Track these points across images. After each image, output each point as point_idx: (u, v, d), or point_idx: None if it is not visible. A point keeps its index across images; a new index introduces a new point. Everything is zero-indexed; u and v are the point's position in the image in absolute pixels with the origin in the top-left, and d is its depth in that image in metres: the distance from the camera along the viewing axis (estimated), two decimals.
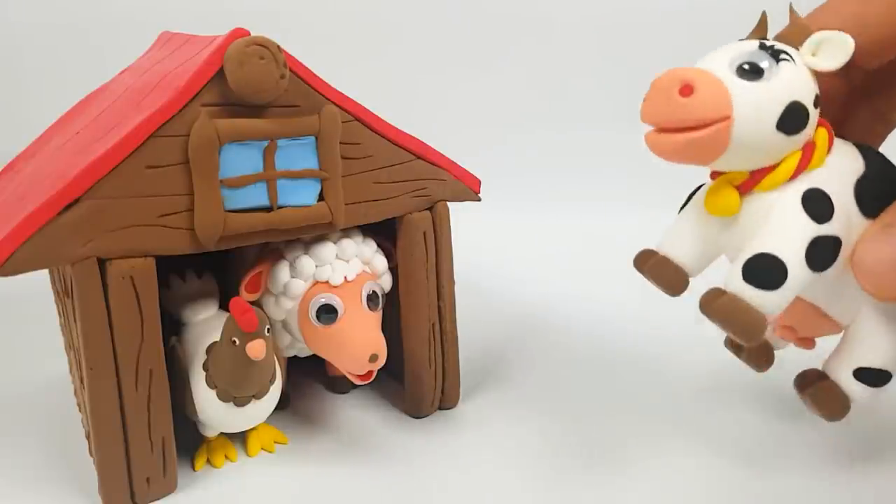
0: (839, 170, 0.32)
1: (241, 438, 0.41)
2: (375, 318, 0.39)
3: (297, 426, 0.43)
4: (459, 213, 0.45)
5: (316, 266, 0.39)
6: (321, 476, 0.39)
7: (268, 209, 0.36)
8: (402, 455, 0.40)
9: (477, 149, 0.60)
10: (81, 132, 0.39)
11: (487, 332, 0.56)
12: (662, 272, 0.34)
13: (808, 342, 0.38)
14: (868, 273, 0.30)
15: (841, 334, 0.35)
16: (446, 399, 0.45)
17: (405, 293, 0.43)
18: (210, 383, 0.37)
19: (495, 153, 0.86)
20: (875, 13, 0.31)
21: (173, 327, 0.41)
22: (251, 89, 0.34)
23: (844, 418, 0.34)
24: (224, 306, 0.41)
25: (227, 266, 0.45)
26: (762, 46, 0.30)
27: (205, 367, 0.37)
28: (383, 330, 0.39)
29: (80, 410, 0.44)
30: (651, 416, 0.43)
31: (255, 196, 0.36)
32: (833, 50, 0.30)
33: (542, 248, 0.77)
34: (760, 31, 0.32)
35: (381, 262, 0.41)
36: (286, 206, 0.37)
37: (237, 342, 0.35)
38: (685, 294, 0.34)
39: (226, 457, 0.40)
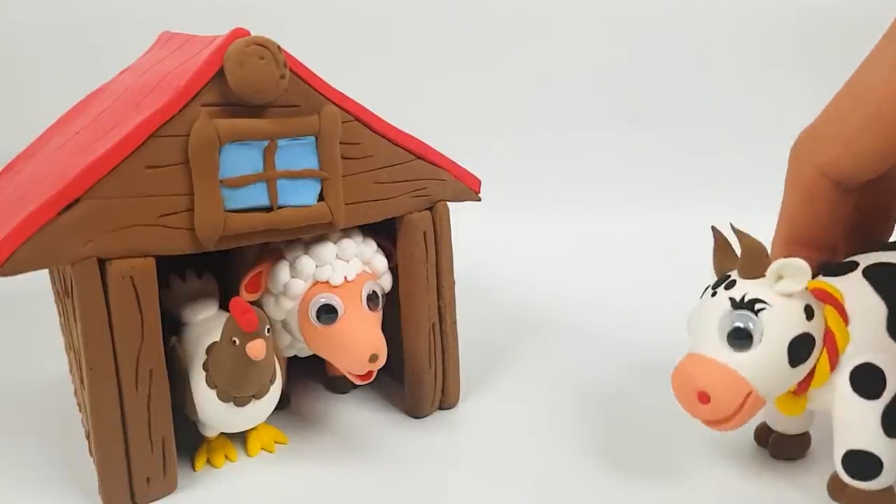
0: (867, 329, 0.32)
1: (241, 438, 0.41)
2: (375, 318, 0.39)
3: (297, 426, 0.43)
4: (459, 213, 0.45)
5: (316, 266, 0.39)
6: (321, 476, 0.39)
7: (268, 209, 0.36)
8: (402, 455, 0.40)
9: (477, 149, 0.61)
10: (81, 132, 0.39)
11: (487, 332, 0.56)
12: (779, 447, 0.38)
13: None
14: None
15: None
16: (446, 399, 0.45)
17: (405, 293, 0.43)
18: (210, 383, 0.37)
19: (495, 153, 0.86)
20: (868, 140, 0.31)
21: (173, 327, 0.41)
22: (251, 89, 0.34)
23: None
24: (224, 306, 0.41)
25: (227, 266, 0.45)
26: (735, 305, 0.31)
27: (205, 367, 0.37)
28: (383, 330, 0.39)
29: (80, 410, 0.44)
30: (652, 417, 0.43)
31: (255, 196, 0.36)
32: (795, 273, 0.31)
33: (542, 248, 0.77)
34: (722, 254, 0.33)
35: (381, 262, 0.41)
36: (286, 206, 0.37)
37: (237, 342, 0.35)
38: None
39: (226, 457, 0.40)
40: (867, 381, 0.32)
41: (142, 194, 0.33)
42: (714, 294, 0.32)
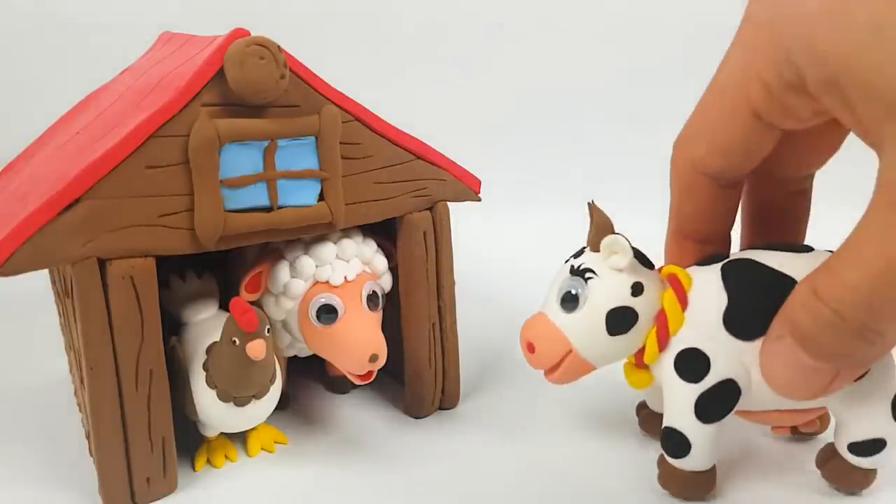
0: (703, 317, 0.33)
1: (241, 438, 0.41)
2: (375, 318, 0.39)
3: (297, 426, 0.43)
4: (459, 213, 0.45)
5: (316, 266, 0.39)
6: (321, 476, 0.39)
7: (268, 209, 0.36)
8: (402, 455, 0.40)
9: (477, 149, 0.60)
10: (81, 132, 0.39)
11: (488, 332, 0.56)
12: (650, 423, 0.41)
13: (811, 425, 0.39)
14: (776, 387, 0.31)
15: None
16: (446, 399, 0.45)
17: (405, 293, 0.43)
18: (210, 383, 0.37)
19: (495, 153, 0.86)
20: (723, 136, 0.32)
21: (173, 327, 0.41)
22: (251, 89, 0.34)
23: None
24: (224, 306, 0.41)
25: (227, 266, 0.45)
26: (572, 271, 0.34)
27: (205, 367, 0.37)
28: (383, 330, 0.39)
29: (80, 410, 0.44)
30: None
31: (255, 196, 0.36)
32: (621, 251, 0.33)
33: (543, 248, 0.77)
34: (595, 229, 0.35)
35: (381, 262, 0.41)
36: (286, 206, 0.37)
37: (237, 342, 0.35)
38: None
39: (226, 457, 0.40)
40: (691, 364, 0.33)
41: (142, 194, 0.33)
42: (567, 261, 0.36)
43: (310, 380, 0.49)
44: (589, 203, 0.35)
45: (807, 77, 0.26)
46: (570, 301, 0.34)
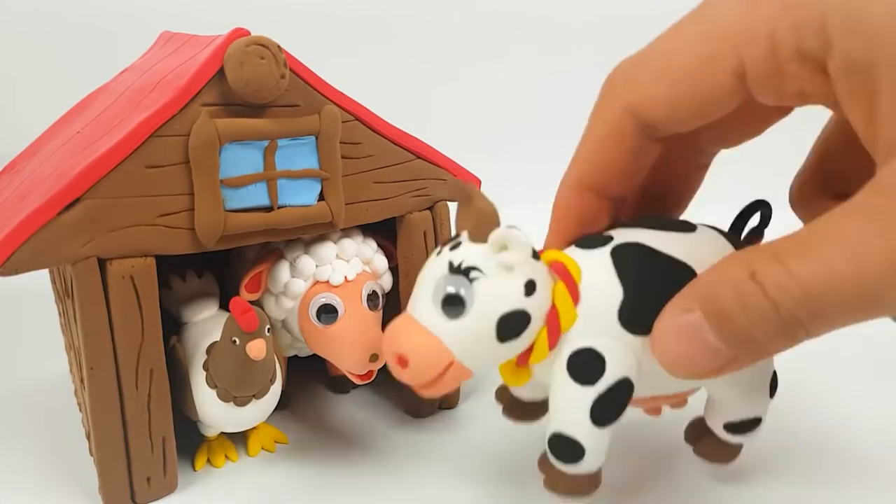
0: (596, 312, 0.30)
1: (241, 438, 0.41)
2: (376, 317, 0.39)
3: (297, 426, 0.43)
4: None
5: (316, 266, 0.39)
6: (321, 476, 0.39)
7: (268, 209, 0.36)
8: (402, 455, 0.40)
9: (477, 149, 0.60)
10: (81, 132, 0.39)
11: None
12: (514, 409, 0.37)
13: (680, 404, 0.36)
14: (665, 362, 0.28)
15: None
16: (446, 399, 0.45)
17: (405, 293, 0.43)
18: (210, 383, 0.37)
19: (495, 153, 0.86)
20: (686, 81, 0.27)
21: (173, 327, 0.41)
22: (251, 89, 0.34)
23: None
24: (224, 306, 0.41)
25: (227, 266, 0.45)
26: (452, 269, 0.28)
27: (205, 367, 0.37)
28: (383, 330, 0.39)
29: (80, 410, 0.44)
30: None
31: (256, 196, 0.36)
32: (517, 247, 0.28)
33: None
34: (463, 212, 0.30)
35: (381, 262, 0.41)
36: (286, 206, 0.37)
37: (237, 342, 0.35)
38: None
39: (226, 457, 0.40)
40: (585, 365, 0.30)
41: (142, 194, 0.33)
42: (439, 253, 0.29)
43: (310, 380, 0.49)
44: (464, 186, 0.29)
45: (834, 51, 0.23)
46: (451, 304, 0.28)
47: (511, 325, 0.28)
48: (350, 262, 0.39)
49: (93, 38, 0.88)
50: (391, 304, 0.43)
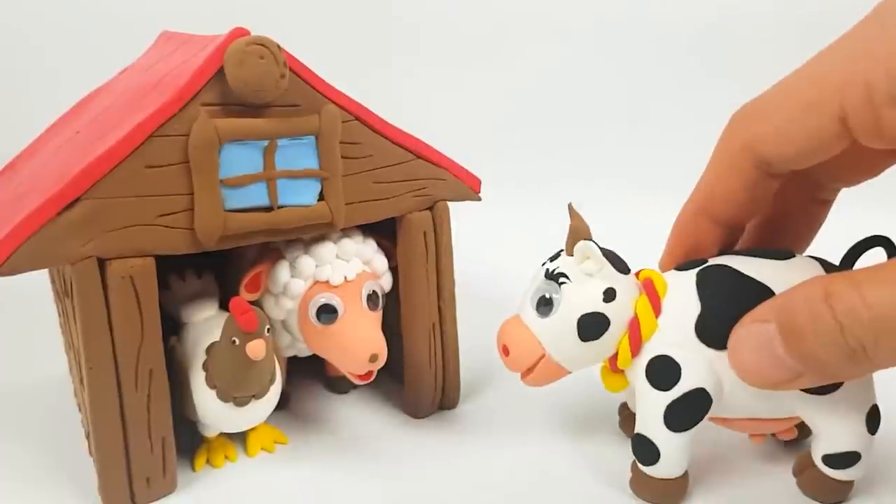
0: (675, 324, 0.33)
1: (241, 438, 0.41)
2: (375, 317, 0.39)
3: (297, 426, 0.43)
4: (459, 213, 0.45)
5: (316, 266, 0.39)
6: (321, 476, 0.39)
7: (268, 209, 0.36)
8: (402, 455, 0.40)
9: (477, 149, 0.60)
10: (81, 132, 0.39)
11: (488, 332, 0.55)
12: (628, 423, 0.40)
13: (788, 433, 0.37)
14: (737, 368, 0.30)
15: None
16: (446, 399, 0.45)
17: (405, 293, 0.43)
18: (210, 383, 0.37)
19: (495, 153, 0.86)
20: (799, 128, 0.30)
21: (173, 327, 0.41)
22: (251, 89, 0.34)
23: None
24: (224, 306, 0.41)
25: (227, 266, 0.44)
26: (547, 275, 0.34)
27: (205, 367, 0.37)
28: (383, 330, 0.39)
29: (80, 410, 0.44)
30: None
31: (255, 196, 0.36)
32: (594, 257, 0.33)
33: (543, 248, 0.77)
34: (570, 232, 0.35)
35: (381, 262, 0.41)
36: (286, 206, 0.37)
37: (237, 342, 0.35)
38: None
39: (226, 457, 0.40)
40: (661, 371, 0.33)
41: (142, 194, 0.33)
42: (543, 264, 0.36)
43: (310, 380, 0.49)
44: (568, 205, 0.35)
45: None
46: (544, 305, 0.34)
47: (590, 325, 0.33)
48: (350, 262, 0.39)
49: (93, 37, 0.88)
50: (391, 304, 0.43)
